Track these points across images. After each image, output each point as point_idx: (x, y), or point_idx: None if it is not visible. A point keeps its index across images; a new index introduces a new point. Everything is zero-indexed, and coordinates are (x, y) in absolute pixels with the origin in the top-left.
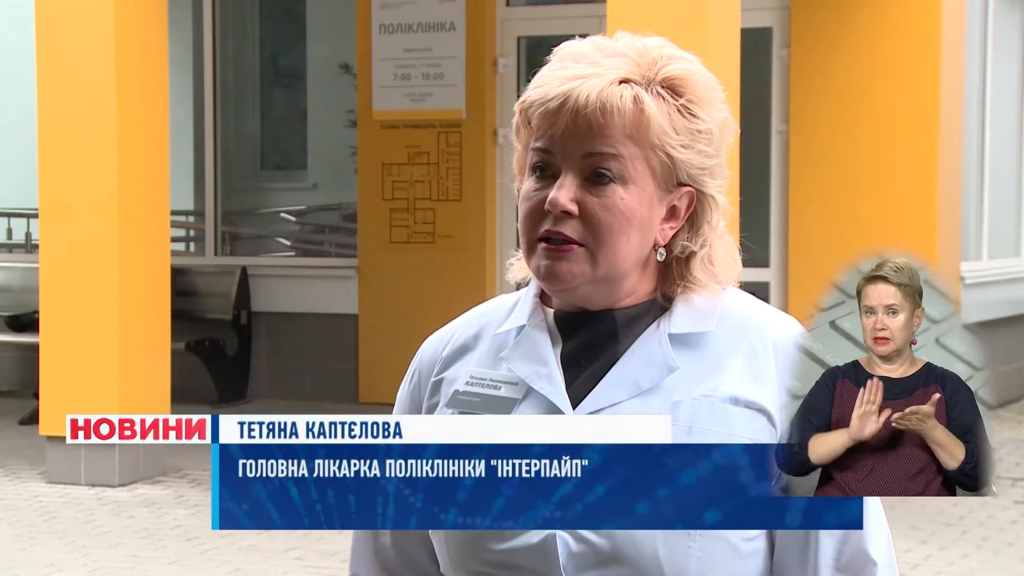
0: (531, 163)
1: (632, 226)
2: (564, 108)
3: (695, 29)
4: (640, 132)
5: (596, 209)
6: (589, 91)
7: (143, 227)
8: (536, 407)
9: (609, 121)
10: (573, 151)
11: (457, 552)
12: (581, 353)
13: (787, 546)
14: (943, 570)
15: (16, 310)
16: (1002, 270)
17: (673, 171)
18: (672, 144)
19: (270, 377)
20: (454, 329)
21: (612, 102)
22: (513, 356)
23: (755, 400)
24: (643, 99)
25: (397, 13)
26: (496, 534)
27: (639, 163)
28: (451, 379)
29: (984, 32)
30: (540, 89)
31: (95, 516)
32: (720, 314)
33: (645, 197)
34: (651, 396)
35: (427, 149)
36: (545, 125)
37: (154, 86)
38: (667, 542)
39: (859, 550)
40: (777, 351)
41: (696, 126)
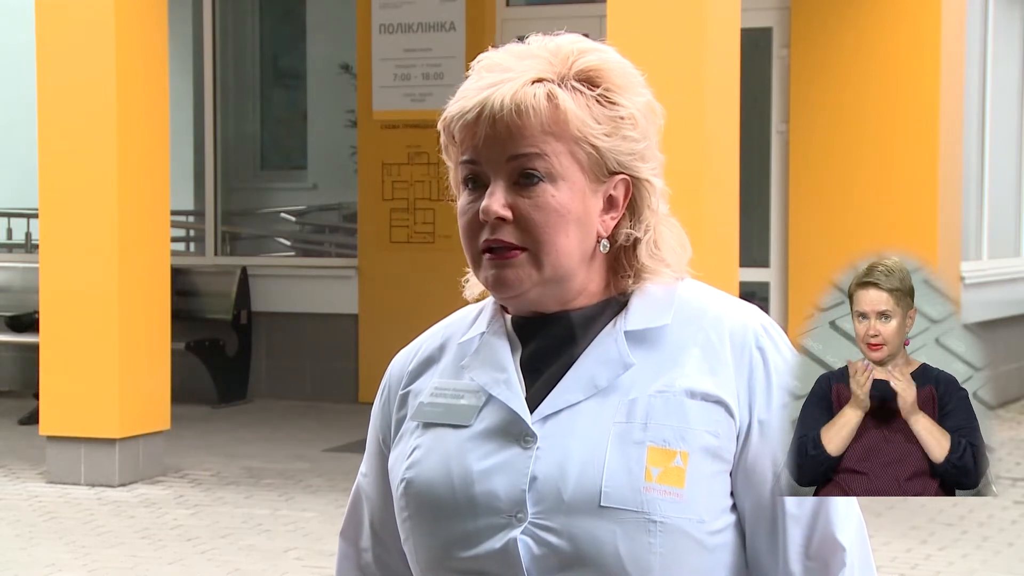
0: (461, 177)
1: (568, 222)
2: (481, 116)
3: (695, 29)
4: (559, 127)
5: (529, 211)
6: (503, 95)
7: (143, 227)
8: (496, 414)
9: (526, 121)
10: (497, 157)
11: (427, 562)
12: (539, 357)
13: (756, 536)
14: (943, 570)
15: (16, 310)
16: (1002, 270)
17: (601, 161)
18: (595, 134)
19: (270, 377)
20: (421, 342)
21: (526, 102)
22: (473, 364)
23: (712, 392)
24: (557, 95)
25: (397, 13)
26: (463, 542)
27: (564, 158)
28: (417, 391)
29: (984, 32)
30: (458, 103)
31: (95, 516)
32: (676, 306)
33: (577, 191)
34: (608, 395)
35: (427, 149)
36: (467, 137)
37: (154, 86)
38: (627, 539)
39: (828, 536)
40: (734, 340)
41: (617, 113)
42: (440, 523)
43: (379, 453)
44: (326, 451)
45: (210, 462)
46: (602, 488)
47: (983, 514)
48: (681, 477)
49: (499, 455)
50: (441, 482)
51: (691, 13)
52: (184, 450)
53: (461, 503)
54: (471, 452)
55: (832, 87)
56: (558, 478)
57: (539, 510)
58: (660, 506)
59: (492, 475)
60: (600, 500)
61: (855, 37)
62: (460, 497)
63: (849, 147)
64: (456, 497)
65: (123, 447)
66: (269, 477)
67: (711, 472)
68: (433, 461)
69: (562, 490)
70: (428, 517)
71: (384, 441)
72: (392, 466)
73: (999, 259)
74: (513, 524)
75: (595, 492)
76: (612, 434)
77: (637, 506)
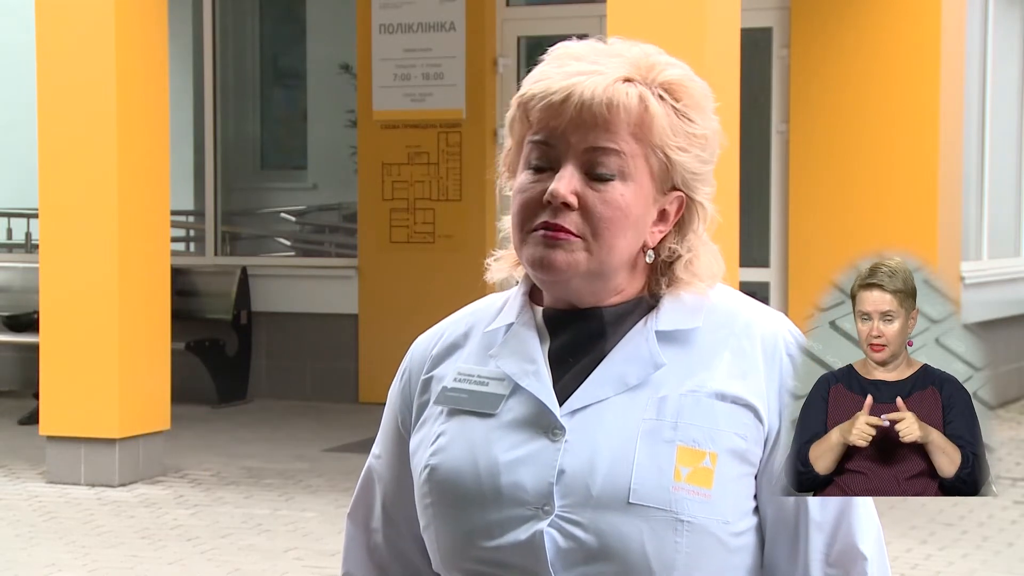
0: (527, 156)
1: (628, 224)
2: (569, 101)
3: (695, 29)
4: (644, 131)
5: (596, 203)
6: (595, 86)
7: (143, 227)
8: (523, 404)
9: (615, 117)
10: (576, 144)
11: (448, 550)
12: (569, 350)
13: (777, 541)
14: (943, 570)
15: (16, 310)
16: (1002, 270)
17: (670, 173)
18: (671, 146)
19: (270, 377)
20: (444, 327)
21: (618, 98)
22: (501, 353)
23: (741, 395)
24: (648, 98)
25: (397, 13)
26: (486, 531)
27: (639, 161)
28: (440, 376)
29: (984, 32)
30: (542, 83)
31: (95, 516)
32: (707, 310)
33: (642, 196)
34: (638, 392)
35: (427, 149)
36: (546, 118)
37: (154, 86)
38: (654, 537)
39: (849, 545)
40: (765, 346)
41: (693, 130)
42: (464, 512)
43: (396, 436)
44: (326, 451)
45: (210, 462)
46: (631, 485)
47: (983, 514)
48: (709, 478)
49: (526, 446)
50: (467, 470)
51: (691, 13)
52: (184, 450)
53: (487, 493)
54: (498, 442)
55: (832, 87)
56: (586, 473)
57: (566, 503)
58: (688, 506)
59: (519, 466)
60: (629, 497)
61: (855, 37)
62: (486, 487)
63: (849, 147)
64: (482, 486)
65: (123, 447)
66: (269, 477)
67: (737, 474)
68: (459, 449)
69: (590, 485)
70: (452, 505)
71: (403, 424)
72: (414, 451)
73: (999, 259)
74: (540, 516)
75: (624, 488)
76: (641, 431)
77: (666, 505)
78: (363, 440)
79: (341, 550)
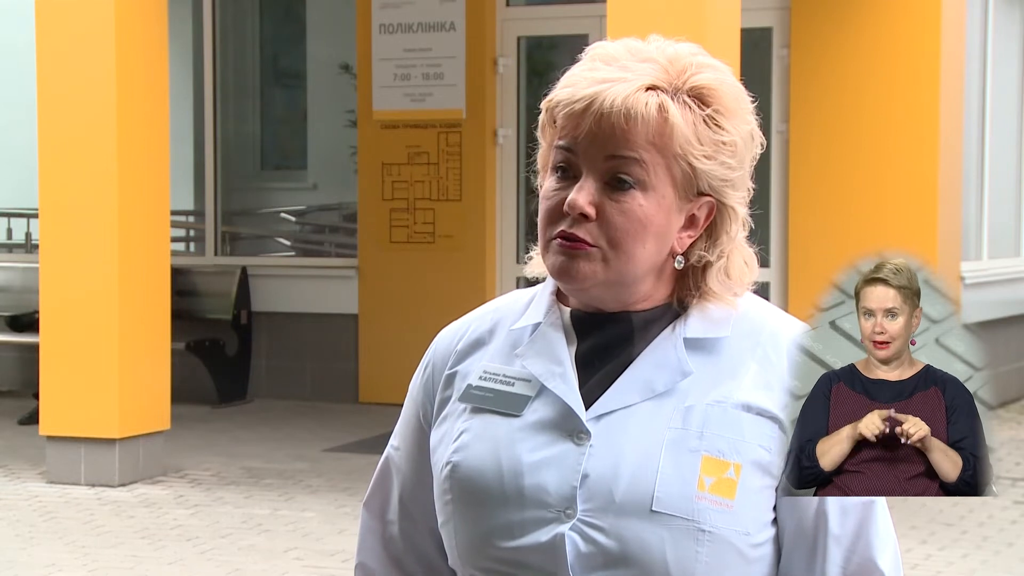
0: (553, 162)
1: (648, 233)
2: (589, 111)
3: (695, 29)
4: (663, 140)
5: (614, 214)
6: (615, 96)
7: (143, 227)
8: (549, 406)
9: (632, 127)
10: (595, 153)
11: (466, 548)
12: (596, 354)
13: (794, 553)
14: (943, 570)
15: (16, 310)
16: (1002, 270)
17: (694, 181)
18: (695, 154)
19: (270, 377)
20: (469, 322)
21: (637, 109)
22: (528, 353)
23: (767, 408)
24: (668, 107)
25: (397, 13)
26: (506, 532)
27: (660, 170)
28: (464, 373)
29: (984, 32)
30: (568, 89)
31: (95, 516)
32: (735, 319)
33: (664, 205)
34: (664, 400)
35: (427, 149)
36: (569, 125)
37: (154, 86)
38: (675, 545)
39: (867, 559)
40: (790, 359)
41: (721, 137)
42: (485, 511)
43: (417, 428)
44: (326, 451)
45: (210, 462)
46: (655, 493)
47: (983, 514)
48: (732, 489)
49: (550, 449)
50: (489, 470)
51: (691, 13)
52: (184, 450)
53: (509, 493)
54: (521, 443)
55: (832, 87)
56: (610, 478)
57: (589, 508)
58: (710, 516)
59: (542, 468)
60: (652, 504)
61: (855, 37)
62: (508, 487)
63: (849, 147)
64: (504, 487)
65: (123, 447)
66: (269, 477)
67: (760, 486)
68: (482, 448)
69: (614, 491)
70: (472, 503)
71: (424, 418)
72: (435, 446)
73: (999, 259)
74: (561, 519)
75: (647, 496)
76: (667, 439)
77: (688, 514)
78: (363, 440)
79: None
